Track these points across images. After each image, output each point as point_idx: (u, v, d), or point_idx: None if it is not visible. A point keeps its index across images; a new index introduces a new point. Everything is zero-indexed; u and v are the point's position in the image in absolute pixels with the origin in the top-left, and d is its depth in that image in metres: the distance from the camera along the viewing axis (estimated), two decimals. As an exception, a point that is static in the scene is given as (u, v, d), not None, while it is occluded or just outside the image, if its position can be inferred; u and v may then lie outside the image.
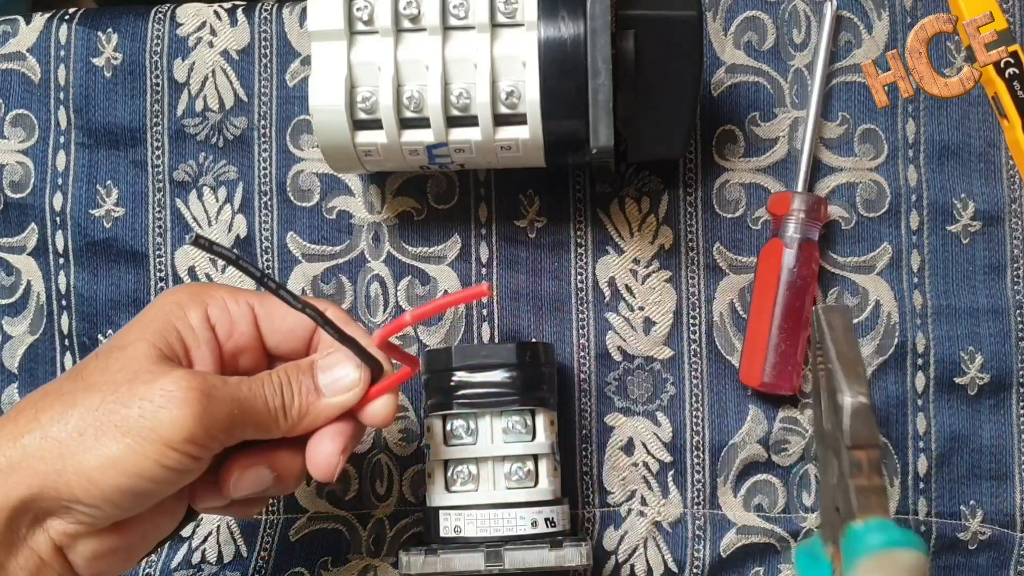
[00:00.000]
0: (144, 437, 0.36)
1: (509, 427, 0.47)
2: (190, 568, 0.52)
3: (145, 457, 0.36)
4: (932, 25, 0.44)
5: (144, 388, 0.36)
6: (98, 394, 0.37)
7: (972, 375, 0.51)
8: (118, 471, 0.36)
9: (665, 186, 0.53)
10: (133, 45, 0.53)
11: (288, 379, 0.40)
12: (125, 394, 0.36)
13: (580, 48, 0.43)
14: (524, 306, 0.53)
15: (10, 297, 0.54)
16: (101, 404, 0.36)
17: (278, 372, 0.40)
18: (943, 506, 0.51)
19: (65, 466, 0.36)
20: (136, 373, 0.37)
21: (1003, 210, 0.52)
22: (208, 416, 0.36)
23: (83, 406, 0.36)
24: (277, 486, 0.42)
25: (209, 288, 0.42)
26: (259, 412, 0.39)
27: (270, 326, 0.42)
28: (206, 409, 0.36)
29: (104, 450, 0.36)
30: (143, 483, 0.36)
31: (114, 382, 0.37)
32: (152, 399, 0.36)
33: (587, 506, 0.52)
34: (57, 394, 0.37)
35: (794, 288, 0.50)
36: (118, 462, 0.36)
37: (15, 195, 0.54)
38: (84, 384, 0.37)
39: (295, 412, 0.40)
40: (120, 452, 0.36)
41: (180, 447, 0.36)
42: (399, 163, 0.47)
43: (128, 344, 0.38)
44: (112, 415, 0.36)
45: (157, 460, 0.36)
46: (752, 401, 0.52)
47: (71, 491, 0.36)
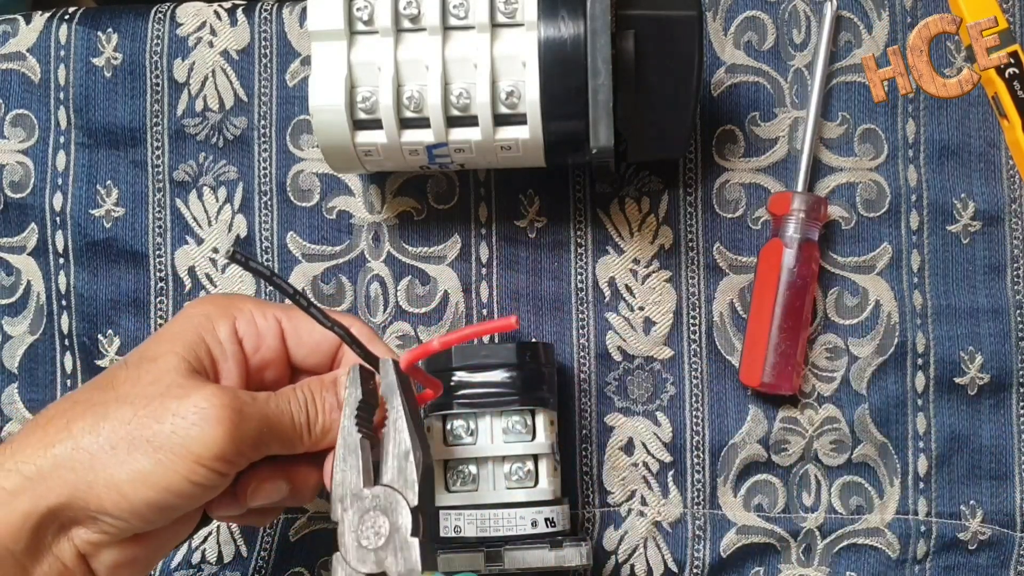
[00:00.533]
0: (175, 453, 0.36)
1: (509, 427, 0.47)
2: (190, 568, 0.52)
3: (176, 473, 0.36)
4: (935, 24, 0.44)
5: (176, 404, 0.37)
6: (130, 407, 0.37)
7: (972, 375, 0.51)
8: (148, 486, 0.36)
9: (665, 186, 0.53)
10: (133, 45, 0.54)
11: (313, 396, 0.40)
12: (157, 408, 0.37)
13: (580, 48, 0.43)
14: (524, 306, 0.53)
15: (10, 297, 0.54)
16: (133, 418, 0.36)
17: (303, 388, 0.40)
18: (943, 506, 0.51)
19: (96, 478, 0.36)
20: (168, 387, 0.37)
21: (1003, 210, 0.52)
22: (239, 433, 0.37)
23: (115, 419, 0.37)
24: (293, 498, 0.42)
25: (237, 301, 0.42)
26: (285, 429, 0.39)
27: (297, 341, 0.42)
28: (237, 427, 0.37)
29: (135, 464, 0.36)
30: (171, 498, 0.36)
31: (146, 395, 0.37)
32: (185, 415, 0.36)
33: (587, 506, 0.52)
34: (88, 404, 0.37)
35: (794, 288, 0.50)
36: (148, 477, 0.36)
37: (15, 195, 0.54)
38: (116, 395, 0.37)
39: (319, 429, 0.40)
40: (151, 467, 0.36)
41: (210, 464, 0.36)
42: (399, 163, 0.47)
43: (159, 356, 0.39)
44: (144, 430, 0.36)
45: (187, 476, 0.36)
46: (752, 401, 0.52)
47: (100, 503, 0.36)
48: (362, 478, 0.38)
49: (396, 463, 0.38)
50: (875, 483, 0.51)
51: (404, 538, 0.37)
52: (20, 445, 0.37)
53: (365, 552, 0.37)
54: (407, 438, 0.38)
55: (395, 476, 0.38)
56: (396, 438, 0.38)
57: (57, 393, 0.53)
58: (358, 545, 0.37)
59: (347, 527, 0.37)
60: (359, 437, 0.38)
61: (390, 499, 0.37)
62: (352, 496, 0.38)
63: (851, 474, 0.52)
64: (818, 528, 0.51)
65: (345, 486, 0.38)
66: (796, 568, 0.51)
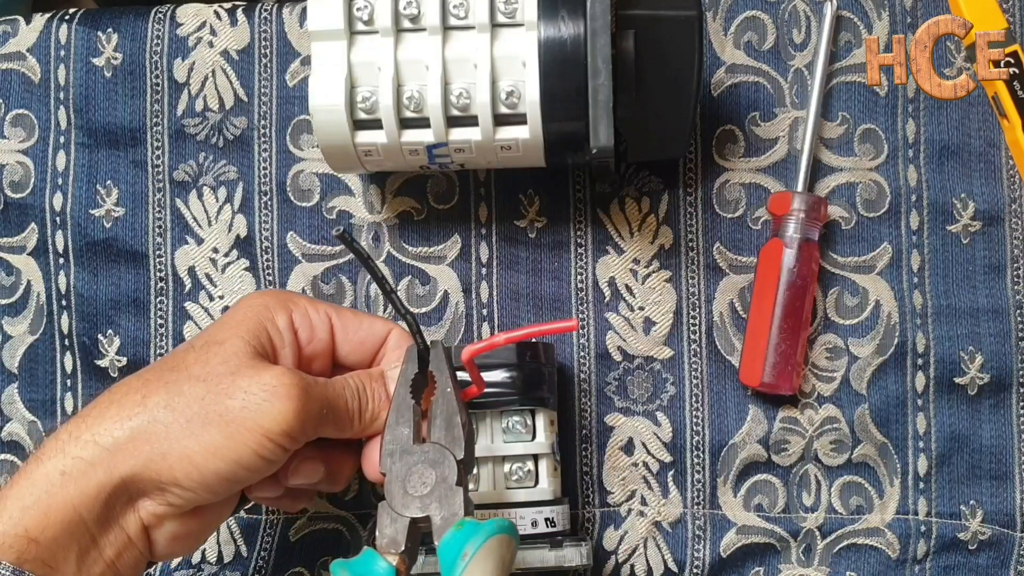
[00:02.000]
0: (247, 427, 0.38)
1: (509, 427, 0.47)
2: (190, 568, 0.52)
3: (245, 446, 0.38)
4: (945, 24, 0.44)
5: (247, 381, 0.39)
6: (203, 384, 0.39)
7: (972, 375, 0.51)
8: (219, 457, 0.38)
9: (665, 186, 0.53)
10: (133, 45, 0.54)
11: (363, 385, 0.43)
12: (229, 386, 0.39)
13: (580, 48, 0.43)
14: (524, 306, 0.53)
15: (10, 297, 0.54)
16: (207, 394, 0.39)
17: (354, 377, 0.43)
18: (943, 506, 0.51)
19: (171, 449, 0.38)
20: (238, 367, 0.39)
21: (1003, 210, 0.52)
22: (305, 411, 0.39)
23: (189, 395, 0.39)
24: (328, 482, 0.44)
25: (293, 296, 0.44)
26: (341, 412, 0.42)
27: (344, 337, 0.44)
28: (304, 405, 0.39)
29: (208, 437, 0.38)
30: (239, 470, 0.39)
31: (217, 374, 0.39)
32: (256, 392, 0.39)
33: (587, 506, 0.52)
34: (161, 382, 0.39)
35: (794, 288, 0.50)
36: (220, 449, 0.38)
37: (15, 195, 0.54)
38: (188, 374, 0.39)
39: (368, 416, 0.43)
40: (223, 440, 0.38)
41: (277, 438, 0.38)
42: (399, 163, 0.47)
43: (224, 340, 0.41)
44: (217, 405, 0.38)
45: (256, 450, 0.38)
46: (752, 401, 0.52)
47: (172, 474, 0.38)
48: (412, 435, 0.41)
49: (444, 423, 0.41)
50: (875, 483, 0.51)
51: (450, 486, 0.40)
52: (97, 418, 0.39)
53: (411, 499, 0.40)
54: (455, 403, 0.41)
55: (443, 435, 0.41)
56: (444, 404, 0.42)
57: (57, 393, 0.53)
58: (404, 492, 0.40)
59: (394, 477, 0.40)
60: (412, 403, 0.42)
61: (438, 454, 0.40)
62: (402, 451, 0.41)
63: (851, 474, 0.52)
64: (818, 528, 0.51)
65: (396, 442, 0.41)
66: (796, 568, 0.51)
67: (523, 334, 0.41)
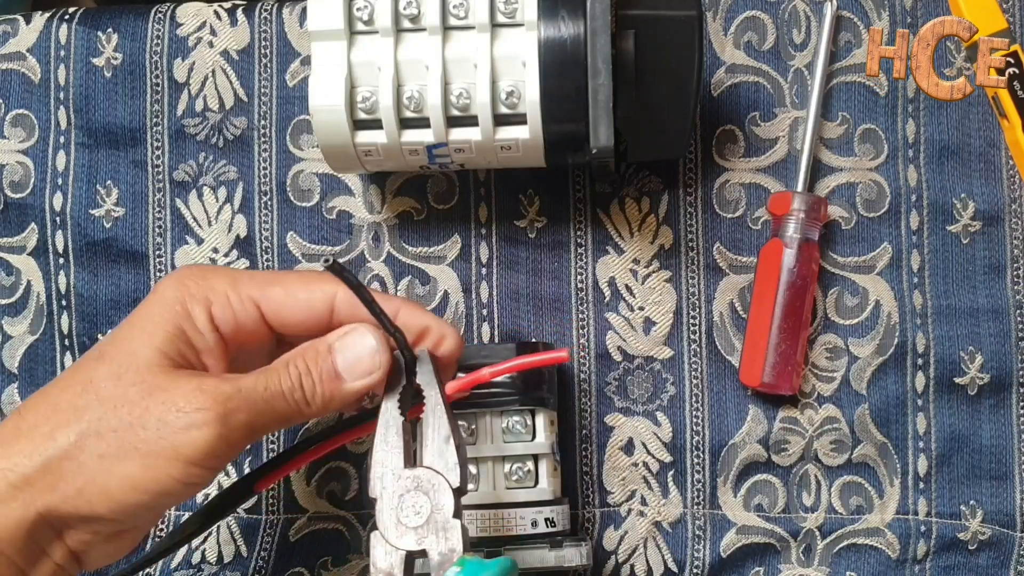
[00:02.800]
0: (165, 458, 0.36)
1: (509, 427, 0.47)
2: (190, 568, 0.52)
3: (168, 476, 0.36)
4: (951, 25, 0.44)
5: (161, 408, 0.36)
6: (114, 413, 0.36)
7: (972, 375, 0.51)
8: (140, 491, 0.36)
9: (665, 186, 0.53)
10: (133, 45, 0.54)
11: (307, 368, 0.39)
12: (142, 414, 0.36)
13: (580, 48, 0.43)
14: (524, 306, 0.53)
15: (10, 297, 0.54)
16: (119, 425, 0.36)
17: (295, 361, 0.39)
18: (943, 506, 0.51)
19: (86, 486, 0.36)
20: (150, 389, 0.36)
21: (1003, 210, 0.52)
22: (228, 429, 0.36)
23: (101, 426, 0.36)
24: None
25: (211, 281, 0.40)
26: (280, 407, 0.38)
27: (279, 321, 0.40)
28: (224, 423, 0.36)
29: (125, 471, 0.36)
30: (164, 499, 0.36)
31: (129, 399, 0.36)
32: (168, 420, 0.36)
33: (587, 506, 0.52)
34: (71, 410, 0.37)
35: (794, 288, 0.50)
36: (140, 482, 0.36)
37: (15, 195, 0.54)
38: (98, 398, 0.37)
39: (318, 401, 0.39)
40: (140, 473, 0.36)
41: (202, 463, 0.36)
42: (399, 163, 0.47)
43: (137, 350, 0.38)
44: (131, 436, 0.36)
45: (179, 479, 0.36)
46: (752, 401, 0.52)
47: (92, 509, 0.36)
48: (403, 458, 0.38)
49: (436, 447, 0.38)
50: (875, 483, 0.51)
51: (446, 518, 0.38)
52: (5, 448, 0.36)
53: (404, 530, 0.37)
54: (446, 423, 0.39)
55: (436, 459, 0.38)
56: (436, 423, 0.39)
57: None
58: (397, 522, 0.38)
59: (386, 505, 0.38)
60: (401, 420, 0.39)
61: (432, 480, 0.38)
62: (392, 475, 0.38)
63: (851, 474, 0.52)
64: (818, 528, 0.51)
65: (386, 465, 0.38)
66: (796, 568, 0.51)
67: (510, 367, 0.40)
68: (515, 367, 0.40)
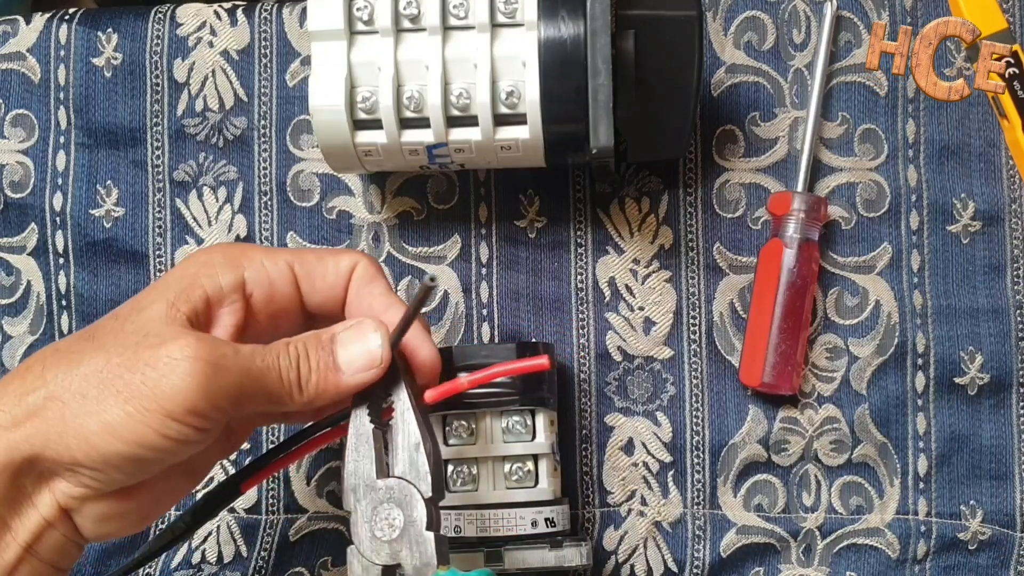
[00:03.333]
0: (145, 406, 0.34)
1: (509, 427, 0.47)
2: (190, 568, 0.52)
3: (145, 426, 0.34)
4: (954, 26, 0.44)
5: (150, 353, 0.35)
6: (104, 356, 0.35)
7: (972, 375, 0.51)
8: (118, 438, 0.34)
9: (665, 186, 0.53)
10: (133, 45, 0.54)
11: (306, 352, 0.38)
12: (131, 358, 0.35)
13: (580, 48, 0.43)
14: (524, 306, 0.53)
15: (10, 297, 0.54)
16: (106, 366, 0.35)
17: (296, 344, 0.38)
18: (943, 506, 0.51)
19: (66, 428, 0.34)
20: (145, 336, 0.35)
21: (1003, 210, 0.52)
22: (213, 386, 0.35)
23: (88, 366, 0.35)
24: None
25: (247, 250, 0.40)
26: (272, 385, 0.37)
27: (311, 286, 0.40)
28: (211, 379, 0.35)
29: (105, 415, 0.34)
30: (144, 451, 0.35)
31: (123, 345, 0.35)
32: (155, 366, 0.34)
33: (587, 506, 0.52)
34: (67, 352, 0.36)
35: (794, 288, 0.50)
36: (118, 429, 0.34)
37: (15, 195, 0.54)
38: (95, 344, 0.36)
39: (312, 388, 0.38)
40: (120, 419, 0.34)
41: (181, 418, 0.34)
42: (399, 163, 0.47)
43: (147, 305, 0.37)
44: (116, 380, 0.35)
45: (157, 430, 0.34)
46: (752, 401, 0.52)
47: (71, 454, 0.35)
48: (375, 468, 0.38)
49: (407, 455, 0.38)
50: (875, 483, 0.51)
51: (419, 531, 0.37)
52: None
53: (379, 543, 0.37)
54: (415, 430, 0.38)
55: (407, 468, 0.38)
56: (405, 430, 0.38)
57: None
58: (372, 536, 0.37)
59: (360, 517, 0.37)
60: (371, 428, 0.38)
61: (404, 491, 0.37)
62: (365, 487, 0.38)
63: (851, 474, 0.52)
64: (818, 528, 0.51)
65: (358, 476, 0.38)
66: (796, 568, 0.51)
67: (490, 374, 0.40)
68: (494, 375, 0.40)
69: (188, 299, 0.37)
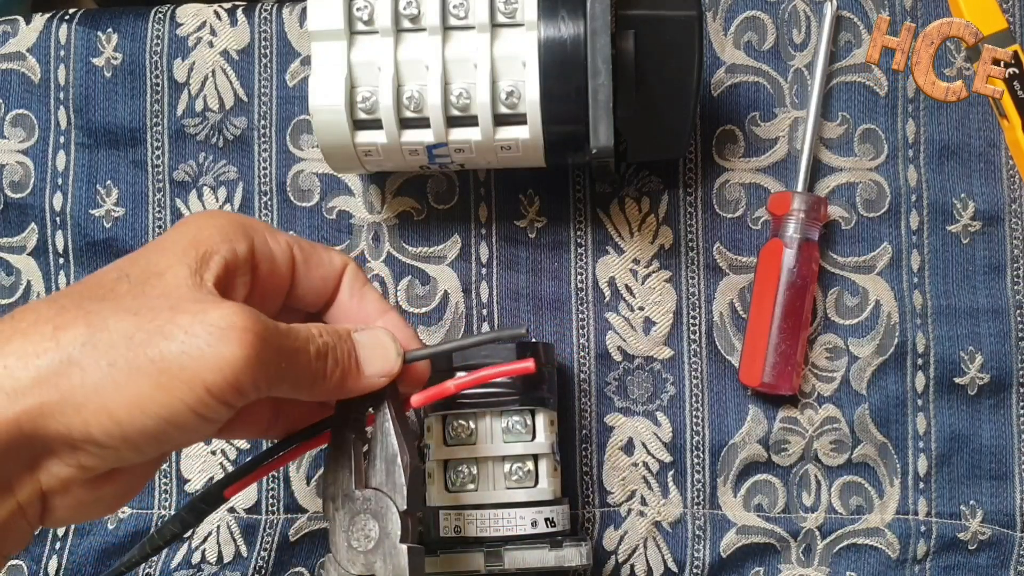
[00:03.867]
0: (183, 378, 0.30)
1: (509, 427, 0.47)
2: (190, 568, 0.52)
3: (180, 401, 0.31)
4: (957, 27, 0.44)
5: (189, 319, 0.31)
6: (134, 319, 0.31)
7: (972, 375, 0.51)
8: (146, 413, 0.30)
9: (665, 186, 0.53)
10: (133, 45, 0.54)
11: (333, 343, 0.36)
12: (166, 323, 0.31)
13: (580, 48, 0.43)
14: (524, 306, 0.53)
15: (10, 297, 0.54)
16: (137, 332, 0.31)
17: (323, 332, 0.36)
18: (943, 506, 0.51)
19: (87, 399, 0.30)
20: (179, 301, 0.32)
21: (1003, 210, 0.52)
22: (259, 362, 0.31)
23: (115, 332, 0.30)
24: None
25: (252, 221, 0.37)
26: (302, 369, 0.34)
27: (306, 272, 0.38)
28: (259, 354, 0.31)
29: (135, 387, 0.30)
30: (170, 429, 0.31)
31: (153, 308, 0.31)
32: (199, 334, 0.31)
33: (587, 506, 0.52)
34: (79, 311, 0.31)
35: (794, 288, 0.50)
36: (148, 403, 0.30)
37: (15, 195, 0.54)
38: (116, 305, 0.31)
39: (334, 380, 0.36)
40: (152, 392, 0.30)
41: (221, 393, 0.31)
42: (399, 163, 0.47)
43: (166, 269, 0.33)
44: (149, 347, 0.30)
45: (192, 406, 0.31)
46: (752, 401, 0.52)
47: (87, 429, 0.30)
48: (353, 479, 0.38)
49: (384, 467, 0.38)
50: (875, 483, 0.51)
51: (394, 543, 0.37)
52: None
53: (355, 554, 0.37)
54: (393, 441, 0.38)
55: (384, 480, 0.38)
56: (383, 441, 0.38)
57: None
58: (348, 546, 0.37)
59: (338, 527, 0.38)
60: (352, 437, 0.38)
61: (380, 503, 0.38)
62: (343, 496, 0.38)
63: (851, 474, 0.52)
64: (818, 528, 0.51)
65: (337, 485, 0.38)
66: (796, 568, 0.51)
67: (477, 378, 0.40)
68: (480, 379, 0.40)
69: (210, 266, 0.34)
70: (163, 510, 0.52)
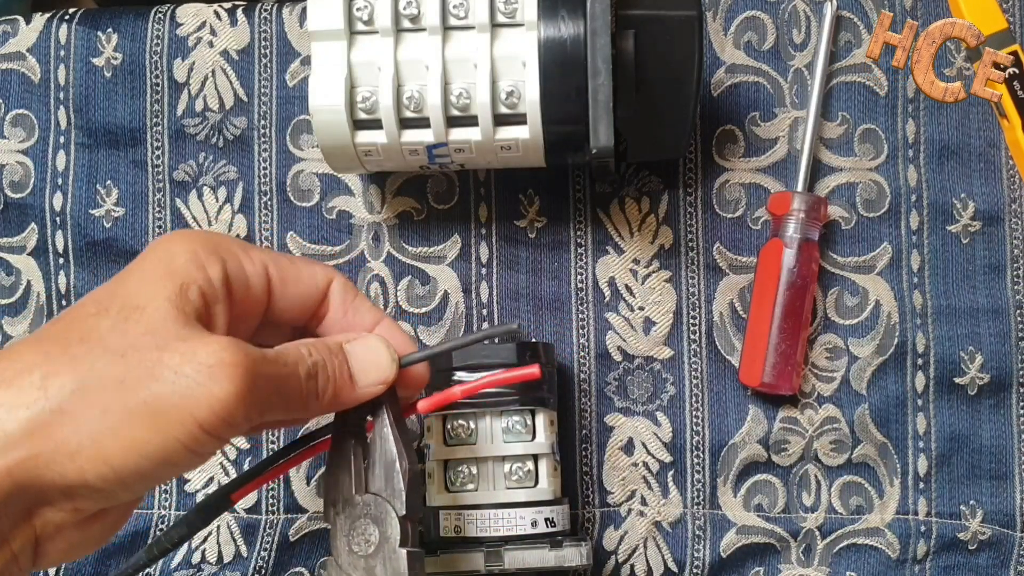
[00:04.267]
0: (176, 418, 0.31)
1: (509, 427, 0.47)
2: (190, 568, 0.52)
3: (175, 440, 0.31)
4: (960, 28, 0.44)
5: (178, 359, 0.31)
6: (121, 363, 0.31)
7: (972, 375, 0.51)
8: (142, 455, 0.31)
9: (665, 186, 0.53)
10: (133, 45, 0.54)
11: (323, 360, 0.36)
12: (155, 365, 0.31)
13: (580, 48, 0.43)
14: (524, 306, 0.53)
15: (10, 297, 0.54)
16: (127, 375, 0.31)
17: (313, 349, 0.36)
18: (943, 506, 0.51)
19: (81, 447, 0.30)
20: (166, 339, 0.31)
21: (1003, 210, 0.52)
22: (250, 395, 0.32)
23: (105, 377, 0.31)
24: None
25: (223, 240, 0.36)
26: (293, 393, 0.34)
27: (283, 291, 0.37)
28: (250, 388, 0.32)
29: (130, 431, 0.30)
30: (164, 468, 0.31)
31: (139, 348, 0.31)
32: (188, 373, 0.31)
33: (587, 506, 0.52)
34: (66, 356, 0.31)
35: (794, 288, 0.50)
36: (144, 446, 0.30)
37: (15, 195, 0.54)
38: (102, 347, 0.31)
39: (328, 398, 0.36)
40: (147, 435, 0.30)
41: (214, 429, 0.31)
42: (399, 163, 0.47)
43: (147, 303, 0.32)
44: (141, 390, 0.31)
45: (186, 443, 0.31)
46: (752, 401, 0.52)
47: (82, 475, 0.30)
48: (354, 484, 0.38)
49: (383, 472, 0.38)
50: (875, 483, 0.51)
51: (393, 548, 0.37)
52: None
53: (356, 558, 0.38)
54: (392, 447, 0.38)
55: (383, 485, 0.38)
56: (382, 447, 0.38)
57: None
58: (349, 550, 0.38)
59: (339, 531, 0.38)
60: (351, 442, 0.39)
61: (380, 508, 0.38)
62: (344, 501, 0.38)
63: (851, 474, 0.52)
64: (818, 528, 0.51)
65: (338, 490, 0.38)
66: (796, 568, 0.51)
67: (481, 384, 0.41)
68: (485, 384, 0.41)
69: (189, 298, 0.33)
70: (163, 510, 0.52)
